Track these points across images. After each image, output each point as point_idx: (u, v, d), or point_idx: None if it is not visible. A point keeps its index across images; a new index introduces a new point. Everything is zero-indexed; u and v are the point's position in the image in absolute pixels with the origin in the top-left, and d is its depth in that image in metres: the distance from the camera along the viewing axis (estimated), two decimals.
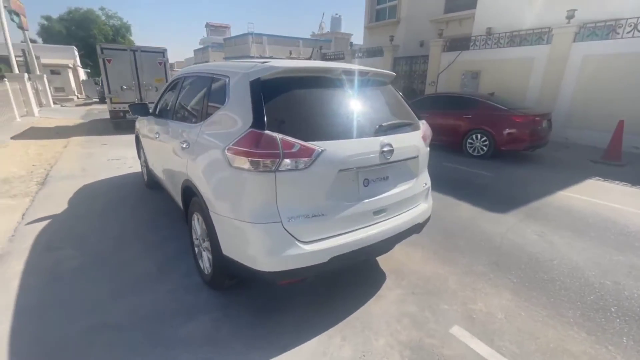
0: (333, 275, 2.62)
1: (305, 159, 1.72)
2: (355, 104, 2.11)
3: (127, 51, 8.89)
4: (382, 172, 2.11)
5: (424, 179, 2.49)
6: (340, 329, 2.06)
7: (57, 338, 1.92)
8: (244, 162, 1.71)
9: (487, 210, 4.16)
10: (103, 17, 42.61)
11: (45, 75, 13.70)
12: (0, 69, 12.64)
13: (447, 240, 3.32)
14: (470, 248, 3.17)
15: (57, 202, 4.04)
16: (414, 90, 13.35)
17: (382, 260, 2.89)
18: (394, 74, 2.48)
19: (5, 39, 10.88)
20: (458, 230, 3.58)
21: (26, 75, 11.36)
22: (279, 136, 1.69)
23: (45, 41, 38.24)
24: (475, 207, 4.25)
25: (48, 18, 40.32)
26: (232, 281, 2.28)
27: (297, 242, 1.76)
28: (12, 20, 11.69)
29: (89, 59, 41.26)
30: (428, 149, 2.52)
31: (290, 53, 21.36)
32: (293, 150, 1.69)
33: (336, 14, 36.25)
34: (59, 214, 3.73)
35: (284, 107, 1.84)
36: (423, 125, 2.46)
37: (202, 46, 39.37)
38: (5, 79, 9.86)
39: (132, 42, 46.65)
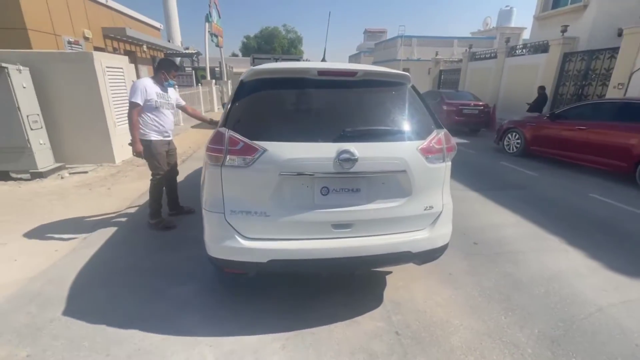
0: (331, 280, 2.52)
1: (248, 157, 1.76)
2: (322, 106, 1.94)
3: (271, 59, 10.61)
4: (350, 182, 1.87)
5: (429, 202, 2.01)
6: (288, 337, 1.99)
7: None
8: (206, 156, 1.90)
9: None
10: (284, 32, 51.61)
11: (230, 81, 17.82)
12: (203, 76, 17.32)
13: (498, 290, 2.55)
14: (528, 309, 2.34)
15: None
16: (582, 95, 10.19)
17: (390, 286, 2.53)
18: (404, 74, 2.09)
19: (205, 54, 14.90)
20: (521, 283, 2.68)
21: (213, 81, 15.24)
22: (227, 133, 1.79)
23: (243, 55, 49.76)
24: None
25: (247, 36, 52.07)
26: None
27: (237, 236, 1.83)
28: (212, 40, 15.84)
29: None
30: (444, 164, 2.03)
31: (437, 54, 19.95)
32: (237, 147, 1.76)
33: (507, 6, 31.24)
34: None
35: (248, 107, 1.91)
36: (434, 136, 1.99)
37: (356, 52, 41.87)
38: (200, 84, 13.53)
39: (301, 52, 54.49)
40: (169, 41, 21.55)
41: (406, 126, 1.99)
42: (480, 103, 10.91)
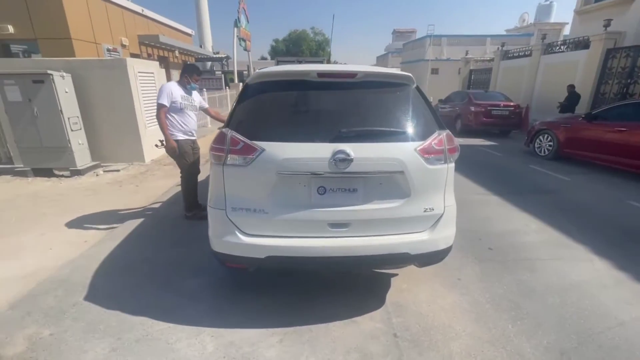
0: (335, 280, 2.55)
1: (247, 156, 1.83)
2: (322, 107, 1.97)
3: (294, 62, 10.79)
4: (347, 182, 1.88)
5: (429, 203, 1.98)
6: (286, 332, 2.04)
7: None
8: (210, 155, 2.00)
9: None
10: (311, 35, 52.14)
11: (241, 84, 18.39)
12: (232, 79, 17.93)
13: (508, 298, 2.45)
14: (539, 318, 2.23)
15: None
16: (627, 94, 9.41)
17: (394, 288, 2.50)
18: (406, 75, 2.07)
19: (234, 58, 15.41)
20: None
21: (241, 84, 15.74)
22: (229, 134, 1.88)
23: (272, 58, 50.82)
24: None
25: (276, 40, 53.10)
26: None
27: (237, 232, 1.91)
28: (240, 44, 16.34)
29: None
30: (446, 165, 1.99)
31: (467, 53, 19.26)
32: (237, 147, 1.84)
33: (546, 1, 29.54)
34: None
35: (250, 109, 1.99)
36: (435, 137, 1.96)
37: (384, 53, 41.39)
38: (227, 87, 14.02)
39: (328, 54, 54.81)
40: (201, 46, 22.50)
41: (405, 127, 1.98)
42: (511, 103, 10.42)
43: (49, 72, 5.15)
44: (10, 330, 2.02)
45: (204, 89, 13.21)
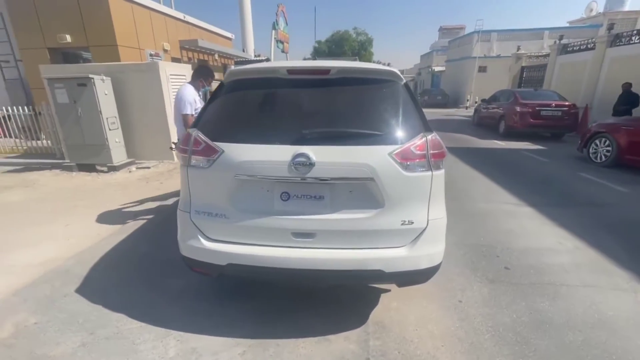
0: (319, 290, 2.40)
1: (209, 158, 1.75)
2: (291, 107, 1.82)
3: None
4: (312, 189, 1.72)
5: (408, 215, 1.74)
6: (252, 344, 1.94)
7: None
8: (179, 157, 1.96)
9: None
10: (354, 35, 51.68)
11: None
12: None
13: (514, 329, 2.10)
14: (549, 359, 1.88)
15: None
16: None
17: (382, 305, 2.28)
18: (390, 70, 1.85)
19: (271, 60, 15.76)
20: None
21: None
22: (194, 134, 1.82)
23: (313, 59, 51.37)
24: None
25: (319, 41, 53.48)
26: None
27: (200, 236, 1.85)
28: (277, 46, 16.68)
29: None
30: (429, 173, 1.74)
31: (518, 49, 17.66)
32: (199, 148, 1.78)
33: None
34: None
35: (218, 108, 1.91)
36: (416, 140, 1.72)
37: (429, 51, 39.67)
38: None
39: (371, 54, 53.95)
40: (243, 49, 23.37)
41: (379, 128, 1.76)
42: (566, 103, 9.31)
43: (91, 76, 5.61)
44: (4, 315, 2.17)
45: None
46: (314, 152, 1.63)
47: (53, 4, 7.59)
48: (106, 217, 3.92)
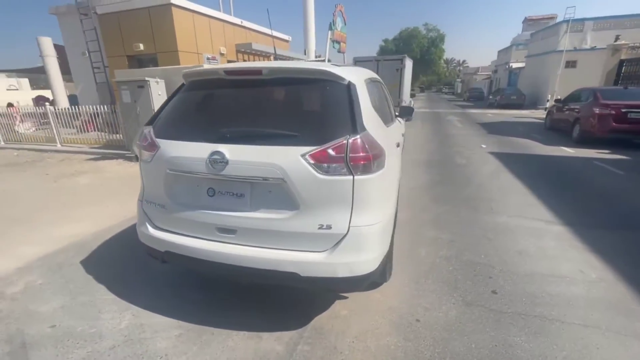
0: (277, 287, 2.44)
1: (150, 153, 1.92)
2: (225, 106, 1.86)
3: (372, 61, 10.44)
4: (234, 186, 1.76)
5: (325, 220, 1.67)
6: (191, 328, 2.07)
7: None
8: None
9: None
10: (424, 32, 49.24)
11: None
12: None
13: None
14: None
15: None
16: None
17: (330, 311, 2.22)
18: (322, 70, 1.78)
19: (325, 61, 15.97)
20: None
21: None
22: (145, 130, 2.00)
23: None
24: None
25: (385, 40, 52.30)
26: None
27: (147, 223, 2.04)
28: (333, 47, 16.77)
29: None
30: (350, 177, 1.64)
31: (617, 39, 14.83)
32: (145, 144, 1.95)
33: None
34: None
35: (168, 107, 2.07)
36: (337, 142, 1.62)
37: (508, 45, 35.69)
38: None
39: (442, 51, 50.80)
40: (305, 51, 24.03)
41: (296, 128, 1.72)
42: None
43: (147, 78, 6.44)
44: (23, 275, 2.68)
45: None
46: (229, 151, 1.68)
47: (131, 18, 8.88)
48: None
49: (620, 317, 2.17)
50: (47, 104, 9.10)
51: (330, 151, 1.63)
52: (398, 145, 2.64)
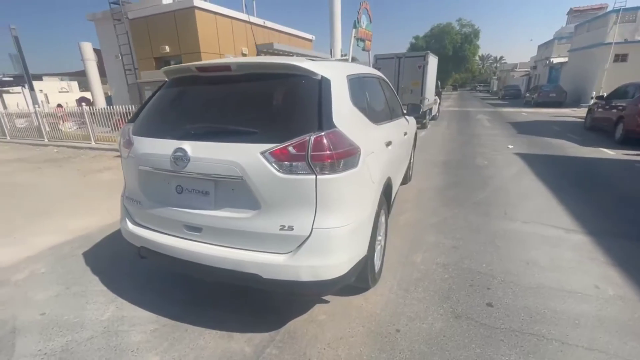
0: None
1: (127, 149, 1.95)
2: (196, 103, 1.85)
3: (393, 59, 10.14)
4: (199, 184, 1.74)
5: (287, 220, 1.60)
6: (166, 324, 2.09)
7: None
8: None
9: None
10: (457, 27, 47.25)
11: None
12: None
13: None
14: None
15: None
16: None
17: (308, 315, 2.15)
18: (292, 64, 1.71)
19: (349, 60, 15.79)
20: None
21: None
22: (125, 128, 2.04)
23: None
24: None
25: (416, 37, 50.84)
26: None
27: (127, 218, 2.08)
28: (357, 45, 16.54)
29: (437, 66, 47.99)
30: (313, 177, 1.56)
31: None
32: (124, 141, 1.99)
33: None
34: None
35: (148, 104, 2.09)
36: (299, 139, 1.54)
37: (550, 39, 33.32)
38: None
39: (477, 47, 48.48)
40: (331, 50, 23.93)
41: (257, 125, 1.67)
42: None
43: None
44: (30, 263, 2.86)
45: None
46: (191, 148, 1.67)
47: (158, 22, 9.30)
48: None
49: (633, 342, 1.90)
50: (83, 104, 9.76)
51: (291, 149, 1.56)
52: (389, 145, 2.50)
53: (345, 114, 1.84)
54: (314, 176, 1.56)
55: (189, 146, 1.69)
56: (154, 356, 1.85)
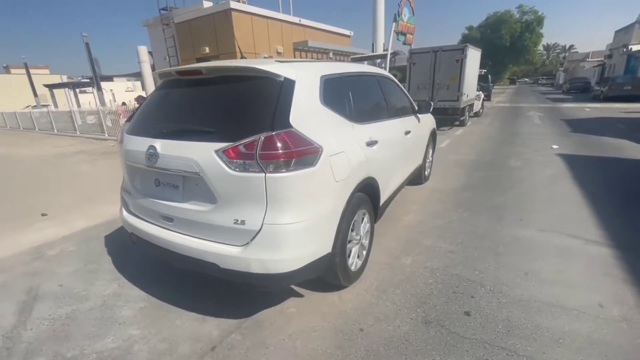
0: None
1: (120, 145, 2.19)
2: (173, 103, 2.01)
3: (429, 53, 9.67)
4: (172, 178, 1.90)
5: (240, 215, 1.70)
6: (154, 304, 2.33)
7: None
8: None
9: None
10: (517, 15, 43.30)
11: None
12: (395, 75, 18.01)
13: None
14: None
15: None
16: None
17: (281, 307, 2.24)
18: (258, 68, 1.80)
19: (387, 54, 15.42)
20: None
21: None
22: (123, 126, 2.28)
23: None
24: None
25: (469, 27, 47.65)
26: None
27: (123, 207, 2.34)
28: (398, 39, 16.04)
29: (491, 58, 44.73)
30: (262, 175, 1.63)
31: None
32: (119, 137, 2.24)
33: None
34: None
35: (142, 105, 2.31)
36: (250, 138, 1.62)
37: (630, 23, 29.05)
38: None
39: (540, 36, 44.04)
40: (373, 45, 23.60)
41: (215, 125, 1.79)
42: None
43: None
44: (63, 242, 3.33)
45: None
46: (161, 145, 1.84)
47: (199, 24, 9.96)
48: None
49: None
50: (136, 102, 10.82)
51: (242, 148, 1.65)
52: (374, 144, 2.48)
53: (309, 114, 1.89)
54: (264, 174, 1.64)
55: (159, 144, 1.87)
56: (135, 330, 2.08)
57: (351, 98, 2.42)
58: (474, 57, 10.22)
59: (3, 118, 18.75)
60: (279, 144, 1.64)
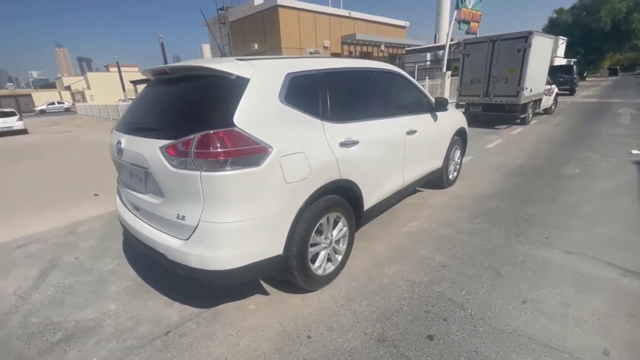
0: None
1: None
2: (150, 101, 2.15)
3: (486, 42, 8.66)
4: (137, 171, 2.04)
5: (181, 210, 1.76)
6: (139, 284, 2.56)
7: None
8: None
9: None
10: None
11: (448, 73, 14.55)
12: (457, 67, 16.71)
13: None
14: None
15: None
16: None
17: (242, 303, 2.29)
18: (210, 67, 1.82)
19: (446, 44, 14.30)
20: None
21: (448, 72, 14.37)
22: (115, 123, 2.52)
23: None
24: None
25: (558, 11, 41.59)
26: None
27: (117, 197, 2.60)
28: (460, 28, 14.74)
29: (585, 46, 38.60)
30: (197, 173, 1.66)
31: None
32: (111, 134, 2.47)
33: None
34: None
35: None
36: (188, 137, 1.65)
37: None
38: (427, 77, 13.45)
39: None
40: (435, 35, 22.19)
41: (165, 122, 1.87)
42: None
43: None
44: (94, 221, 3.83)
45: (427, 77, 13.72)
46: (125, 141, 1.99)
47: (250, 22, 10.43)
48: None
49: None
50: None
51: (180, 146, 1.70)
52: (353, 145, 2.35)
53: (263, 112, 1.86)
54: (198, 172, 1.67)
55: (124, 139, 2.05)
56: (113, 305, 2.32)
57: (328, 96, 2.31)
58: (543, 46, 8.91)
59: (98, 110, 22.06)
60: (216, 143, 1.65)
